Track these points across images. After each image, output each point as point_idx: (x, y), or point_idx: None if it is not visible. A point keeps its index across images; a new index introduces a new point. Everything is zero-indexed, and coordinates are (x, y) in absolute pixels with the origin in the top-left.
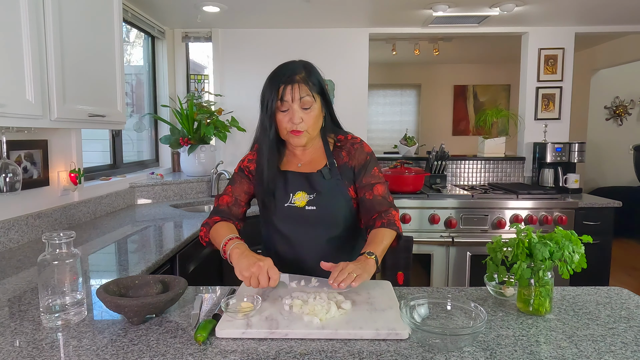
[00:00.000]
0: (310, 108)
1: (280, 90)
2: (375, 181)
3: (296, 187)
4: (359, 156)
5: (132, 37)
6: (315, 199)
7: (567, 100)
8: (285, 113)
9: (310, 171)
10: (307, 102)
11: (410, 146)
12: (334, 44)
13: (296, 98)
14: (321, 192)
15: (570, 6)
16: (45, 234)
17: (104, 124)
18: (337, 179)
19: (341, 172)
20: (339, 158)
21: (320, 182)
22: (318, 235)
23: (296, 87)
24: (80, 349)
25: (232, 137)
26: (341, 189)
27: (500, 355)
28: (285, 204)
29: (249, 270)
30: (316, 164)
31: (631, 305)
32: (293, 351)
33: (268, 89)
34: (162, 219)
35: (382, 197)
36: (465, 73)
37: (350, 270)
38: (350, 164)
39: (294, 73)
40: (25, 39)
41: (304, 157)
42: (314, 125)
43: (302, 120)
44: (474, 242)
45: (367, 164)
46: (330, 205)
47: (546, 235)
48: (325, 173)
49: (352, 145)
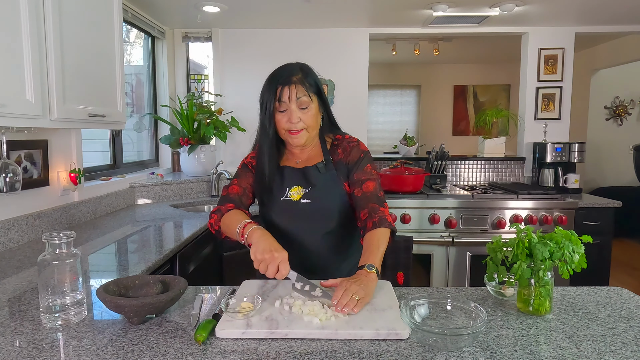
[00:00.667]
0: (307, 108)
1: (278, 91)
2: (367, 177)
3: (292, 181)
4: (354, 153)
5: (132, 37)
6: (310, 192)
7: (567, 100)
8: (284, 113)
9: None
10: (304, 102)
11: (410, 146)
12: (334, 44)
13: (293, 98)
14: (316, 185)
15: (570, 6)
16: (45, 234)
17: (104, 124)
18: (332, 173)
19: (337, 167)
20: (335, 155)
21: (316, 175)
22: (314, 229)
23: (293, 87)
24: (80, 349)
25: (232, 137)
26: (336, 183)
27: (500, 355)
28: (281, 197)
29: (263, 255)
30: (313, 160)
31: (631, 305)
32: (293, 351)
33: (266, 90)
34: (162, 219)
35: (372, 193)
36: (465, 73)
37: (354, 292)
38: (345, 160)
39: (290, 74)
40: (25, 39)
41: (302, 155)
42: (312, 124)
43: (300, 119)
44: (474, 242)
45: (361, 160)
46: (324, 198)
47: (546, 235)
48: (321, 167)
49: (349, 144)
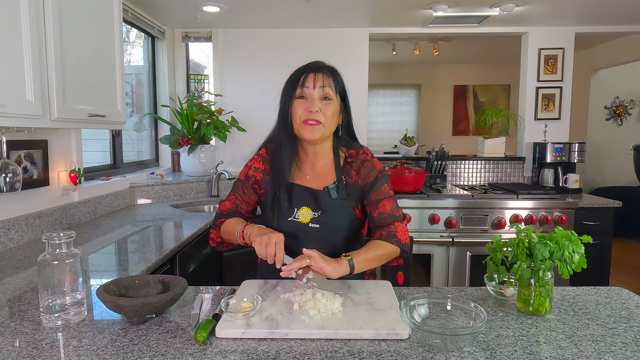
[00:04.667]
0: (330, 100)
1: (302, 77)
2: (383, 197)
3: (301, 202)
4: (369, 175)
5: (132, 37)
6: (319, 217)
7: (567, 100)
8: (303, 100)
9: (317, 187)
10: (328, 93)
11: (410, 146)
12: (334, 44)
13: (318, 85)
14: (326, 211)
15: (570, 6)
16: (45, 234)
17: (104, 124)
18: (343, 199)
19: (349, 191)
20: (348, 177)
21: (326, 200)
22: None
23: (320, 76)
24: (80, 349)
25: (232, 137)
26: (347, 209)
27: (500, 355)
28: (289, 217)
29: (262, 239)
30: (325, 179)
31: (631, 305)
32: (293, 351)
33: (290, 80)
34: (162, 219)
35: (388, 213)
36: (465, 73)
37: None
38: (359, 184)
39: (320, 65)
40: (25, 39)
41: (314, 163)
42: (330, 120)
43: (319, 110)
44: (474, 242)
45: (377, 181)
46: (333, 225)
47: (546, 235)
48: (332, 192)
49: (362, 163)
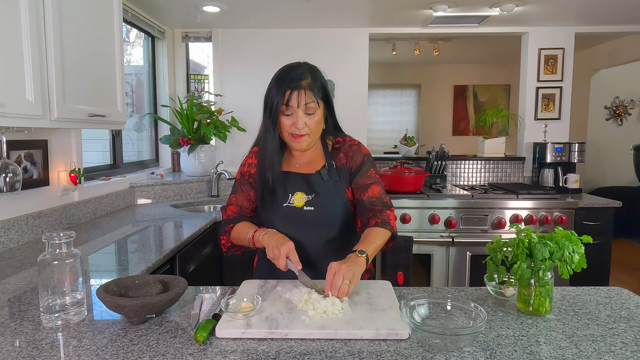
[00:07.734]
0: (314, 114)
1: (287, 95)
2: (371, 182)
3: (295, 187)
4: (356, 157)
5: (132, 37)
6: (313, 200)
7: (567, 100)
8: (289, 117)
9: (308, 172)
10: (311, 108)
11: (410, 146)
12: (334, 44)
13: (302, 104)
14: (319, 193)
15: (570, 6)
16: (45, 234)
17: (104, 124)
18: (335, 180)
19: (339, 173)
20: (337, 159)
21: (319, 183)
22: (316, 236)
23: (302, 93)
24: (80, 349)
25: (232, 137)
26: (339, 191)
27: (500, 355)
28: (284, 203)
29: (273, 253)
30: (315, 164)
31: (631, 305)
32: (293, 351)
33: (274, 90)
34: (162, 219)
35: (377, 197)
36: (465, 73)
37: (344, 274)
38: (347, 165)
39: (300, 78)
40: (25, 39)
41: (302, 158)
42: (315, 130)
43: (305, 125)
44: (474, 242)
45: (363, 164)
46: (327, 206)
47: (546, 236)
48: (324, 174)
49: (350, 147)
